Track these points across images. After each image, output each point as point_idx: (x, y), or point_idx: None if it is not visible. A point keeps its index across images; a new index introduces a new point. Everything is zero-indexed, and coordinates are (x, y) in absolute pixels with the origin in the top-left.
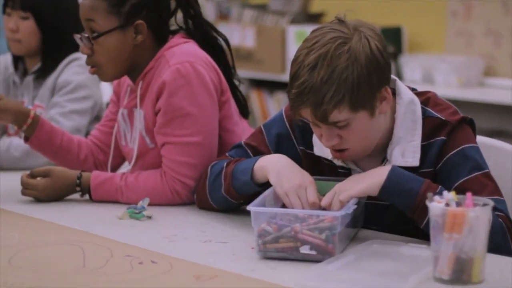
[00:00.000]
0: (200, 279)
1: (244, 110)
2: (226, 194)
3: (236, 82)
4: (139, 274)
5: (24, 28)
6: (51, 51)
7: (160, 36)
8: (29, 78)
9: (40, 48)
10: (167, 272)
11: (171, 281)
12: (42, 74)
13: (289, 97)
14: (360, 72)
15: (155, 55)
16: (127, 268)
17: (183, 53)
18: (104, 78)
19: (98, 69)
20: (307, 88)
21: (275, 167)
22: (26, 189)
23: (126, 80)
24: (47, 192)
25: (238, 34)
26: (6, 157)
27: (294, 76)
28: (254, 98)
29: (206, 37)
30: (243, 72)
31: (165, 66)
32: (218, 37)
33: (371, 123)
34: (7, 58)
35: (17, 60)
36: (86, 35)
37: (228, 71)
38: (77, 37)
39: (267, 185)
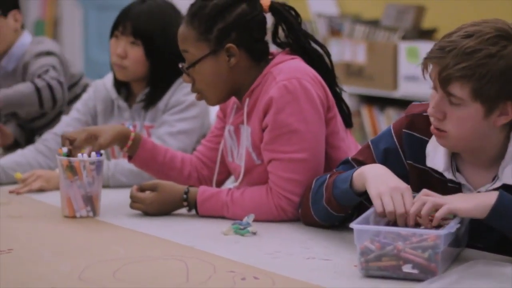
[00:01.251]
0: None
1: (348, 120)
2: (327, 204)
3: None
4: None
5: (133, 54)
6: (159, 78)
7: (257, 54)
8: (138, 104)
9: (147, 74)
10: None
11: None
12: (152, 101)
13: (430, 50)
14: (504, 69)
15: (262, 72)
16: (229, 284)
17: (290, 69)
18: (209, 102)
19: (201, 95)
20: (450, 47)
21: (373, 172)
22: (134, 202)
23: (232, 97)
24: (154, 206)
25: (350, 50)
26: (113, 181)
27: (447, 34)
28: (365, 114)
29: (308, 51)
30: (354, 88)
31: (272, 83)
32: (319, 49)
33: (478, 123)
34: (106, 82)
35: (120, 84)
36: (185, 65)
37: (333, 84)
38: (180, 66)
39: (366, 195)
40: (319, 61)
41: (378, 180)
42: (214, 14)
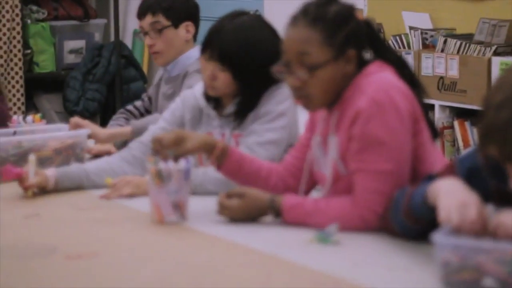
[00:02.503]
0: None
1: (432, 131)
2: (404, 217)
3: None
4: None
5: (221, 78)
6: (249, 92)
7: (361, 64)
8: (228, 116)
9: (238, 90)
10: None
11: None
12: (242, 112)
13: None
14: None
15: (353, 82)
16: None
17: (379, 81)
18: (312, 108)
19: (307, 100)
20: (491, 128)
21: (445, 187)
22: (222, 209)
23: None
24: (240, 213)
25: (443, 64)
26: (200, 189)
27: (482, 114)
28: (457, 128)
29: (396, 64)
30: (446, 101)
31: (360, 94)
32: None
33: None
34: (195, 90)
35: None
36: (299, 68)
37: (421, 96)
38: (279, 70)
39: None
40: (407, 74)
41: (449, 194)
42: (339, 20)
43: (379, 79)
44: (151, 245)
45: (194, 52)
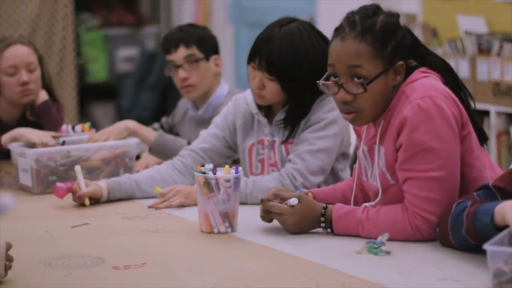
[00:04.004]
0: None
1: (481, 136)
2: (466, 234)
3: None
4: None
5: (270, 88)
6: (297, 104)
7: (407, 73)
8: (279, 123)
9: (287, 98)
10: None
11: None
12: (292, 121)
13: None
14: None
15: (397, 91)
16: None
17: (423, 87)
18: (362, 122)
19: (357, 115)
20: None
21: None
22: (273, 213)
23: None
24: (295, 218)
25: (498, 68)
26: (250, 199)
27: None
28: None
29: (440, 68)
30: (502, 107)
31: (405, 102)
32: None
33: None
34: (247, 96)
35: None
36: (350, 82)
37: (467, 101)
38: (327, 84)
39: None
40: (452, 78)
41: None
42: (388, 31)
43: (423, 85)
44: (200, 255)
45: (223, 89)
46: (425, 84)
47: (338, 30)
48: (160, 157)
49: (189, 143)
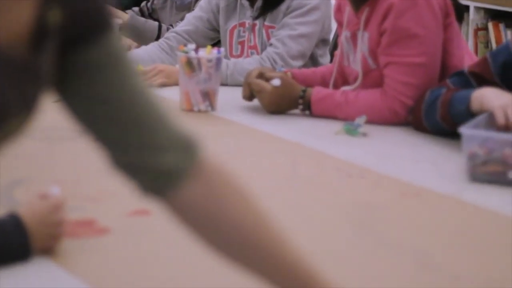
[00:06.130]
0: (404, 196)
1: (458, 12)
2: (441, 120)
3: None
4: (347, 187)
5: None
6: None
7: None
8: (259, 3)
9: None
10: (374, 187)
11: (377, 195)
12: (272, 4)
13: None
14: None
15: None
16: (335, 180)
17: None
18: None
19: None
20: None
21: (493, 93)
22: (256, 91)
23: (346, 6)
24: (273, 96)
25: None
26: (231, 80)
27: None
28: (491, 30)
29: None
30: (481, 3)
31: None
32: None
33: None
34: None
35: None
36: None
37: None
38: None
39: None
40: None
41: (503, 95)
42: None
43: None
44: None
45: None
46: None
47: None
48: (131, 38)
49: (160, 27)
